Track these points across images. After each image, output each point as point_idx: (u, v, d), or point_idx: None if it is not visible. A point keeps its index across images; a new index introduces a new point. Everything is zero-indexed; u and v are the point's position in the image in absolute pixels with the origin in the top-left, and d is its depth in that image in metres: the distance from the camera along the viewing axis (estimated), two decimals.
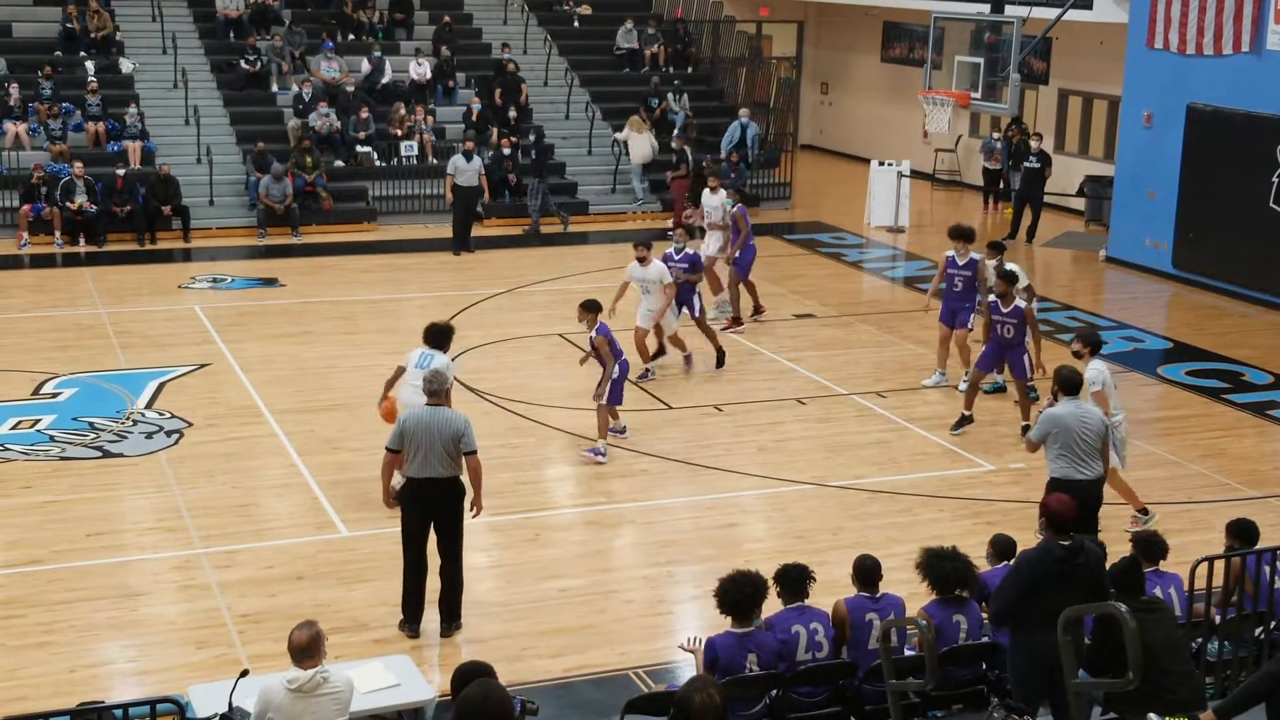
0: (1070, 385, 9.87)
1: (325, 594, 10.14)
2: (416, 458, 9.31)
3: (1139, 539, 8.53)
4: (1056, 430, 9.74)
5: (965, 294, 14.81)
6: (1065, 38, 24.55)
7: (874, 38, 30.91)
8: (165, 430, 13.42)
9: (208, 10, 26.16)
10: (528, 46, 27.52)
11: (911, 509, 11.95)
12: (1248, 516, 8.88)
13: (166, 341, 16.34)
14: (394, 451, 9.47)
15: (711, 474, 12.70)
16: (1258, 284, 19.22)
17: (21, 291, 18.79)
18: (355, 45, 26.17)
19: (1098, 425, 9.82)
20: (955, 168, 28.47)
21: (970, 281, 14.79)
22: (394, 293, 18.88)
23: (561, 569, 10.73)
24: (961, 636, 7.86)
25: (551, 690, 8.81)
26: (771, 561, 8.46)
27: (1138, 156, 21.20)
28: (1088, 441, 9.74)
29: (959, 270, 14.85)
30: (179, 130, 23.47)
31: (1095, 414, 9.88)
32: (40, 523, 11.30)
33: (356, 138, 23.94)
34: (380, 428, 13.48)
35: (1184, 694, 6.99)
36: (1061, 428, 9.72)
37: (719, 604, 7.65)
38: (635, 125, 24.70)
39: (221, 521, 11.40)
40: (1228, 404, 15.06)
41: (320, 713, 6.66)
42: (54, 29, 24.90)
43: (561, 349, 16.40)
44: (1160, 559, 8.41)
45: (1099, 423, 9.84)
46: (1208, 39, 19.59)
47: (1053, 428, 9.77)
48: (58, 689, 8.76)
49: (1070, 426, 9.70)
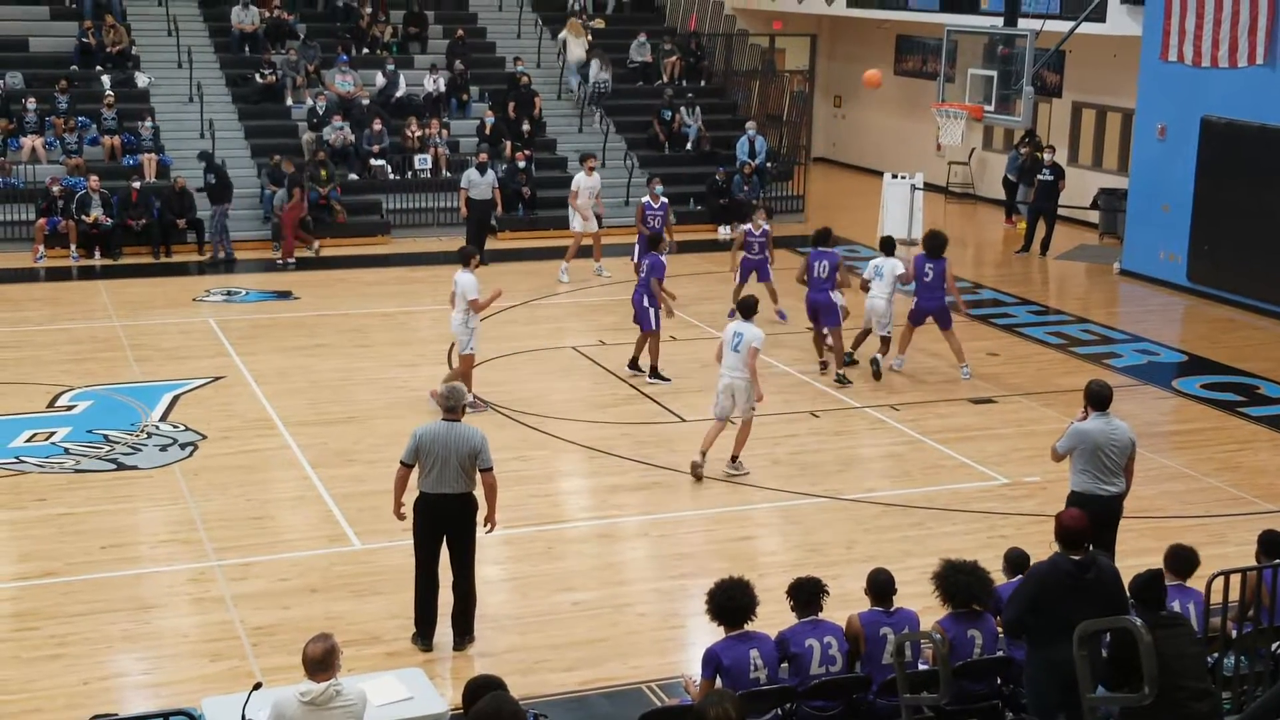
0: (1099, 400, 9.80)
1: (338, 606, 10.14)
2: (431, 472, 9.31)
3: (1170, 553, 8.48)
4: (1084, 445, 9.70)
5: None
6: (1079, 50, 24.52)
7: (887, 51, 30.92)
8: (179, 443, 13.45)
9: (223, 25, 26.28)
10: (541, 60, 27.59)
11: (925, 522, 11.91)
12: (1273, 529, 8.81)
13: (181, 354, 16.38)
14: (407, 465, 9.46)
15: (725, 487, 12.68)
16: (1273, 297, 19.15)
17: (37, 304, 18.86)
18: (369, 59, 26.26)
19: (1125, 442, 9.71)
20: (969, 180, 28.44)
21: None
22: (407, 305, 18.91)
23: (574, 582, 10.71)
24: (976, 651, 7.83)
25: (564, 704, 8.80)
26: (785, 575, 8.45)
27: (1152, 169, 21.15)
28: (1113, 458, 9.66)
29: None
30: (194, 144, 23.53)
31: (1123, 430, 9.76)
32: (55, 535, 11.32)
33: (370, 151, 24.01)
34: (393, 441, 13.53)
35: (1200, 707, 6.95)
36: (1089, 443, 9.67)
37: (710, 613, 7.68)
38: (573, 29, 26.28)
39: (235, 534, 11.41)
40: (1243, 417, 14.99)
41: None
42: (70, 43, 25.03)
43: (575, 362, 16.41)
44: (1188, 574, 8.36)
45: (1127, 440, 9.73)
46: (1222, 51, 19.55)
47: (1080, 443, 9.71)
48: (71, 701, 8.77)
49: (1098, 442, 9.65)
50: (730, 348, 12.69)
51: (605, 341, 17.11)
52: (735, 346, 12.64)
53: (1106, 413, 9.77)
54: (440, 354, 16.40)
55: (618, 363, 16.06)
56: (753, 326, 12.74)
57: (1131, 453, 9.79)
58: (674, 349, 16.54)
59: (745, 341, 12.58)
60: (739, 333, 12.65)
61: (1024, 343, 17.62)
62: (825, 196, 27.54)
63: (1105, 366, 16.61)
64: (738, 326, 12.74)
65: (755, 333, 12.66)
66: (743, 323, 12.76)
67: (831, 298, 15.55)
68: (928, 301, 15.65)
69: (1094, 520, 9.66)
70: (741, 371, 12.63)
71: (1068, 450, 9.82)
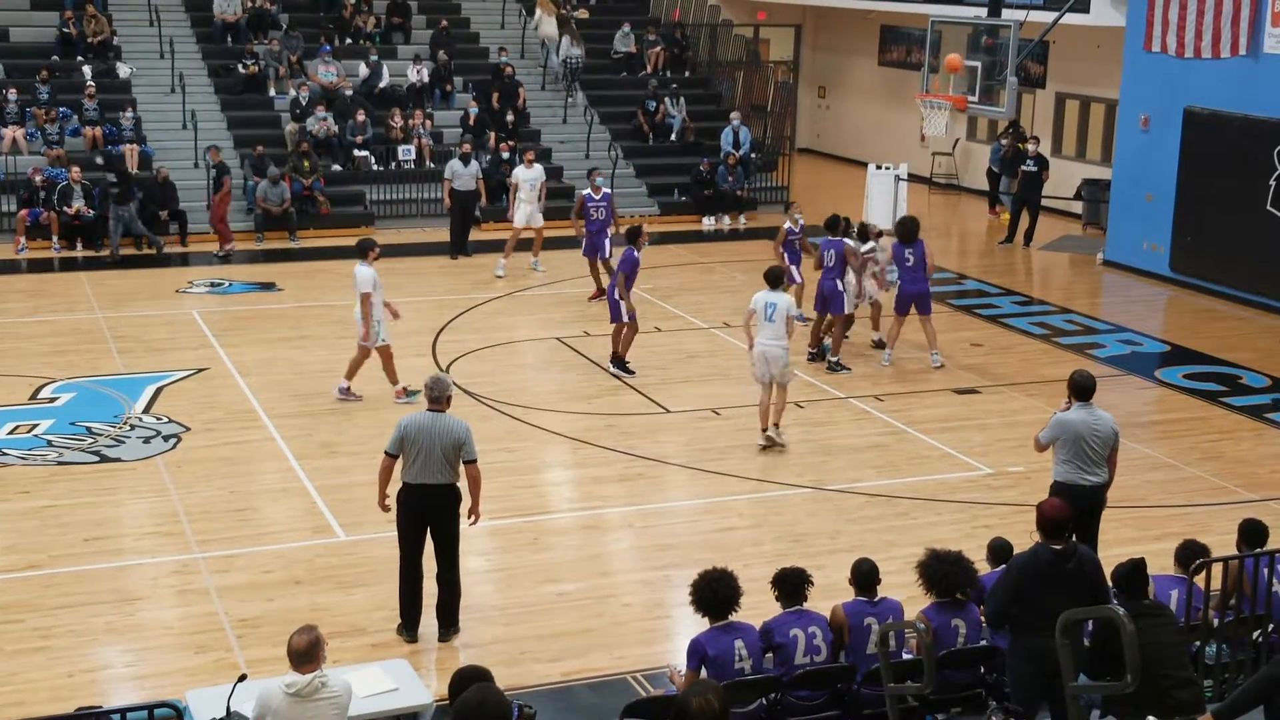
0: (1082, 390, 9.83)
1: (323, 598, 10.13)
2: (415, 463, 9.30)
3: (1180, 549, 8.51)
4: (1067, 435, 9.73)
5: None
6: (1062, 41, 24.56)
7: (871, 41, 30.93)
8: (163, 435, 13.41)
9: (205, 15, 26.16)
10: (525, 50, 27.54)
11: (909, 512, 11.94)
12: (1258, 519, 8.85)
13: (164, 346, 16.33)
14: (392, 456, 9.46)
15: (709, 477, 12.70)
16: (1255, 287, 19.23)
17: (19, 296, 18.77)
18: (352, 49, 26.17)
19: (1108, 433, 9.74)
20: (953, 171, 28.48)
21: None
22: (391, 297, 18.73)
23: (559, 573, 10.72)
24: (960, 640, 7.86)
25: (549, 695, 8.80)
26: (769, 565, 8.47)
27: (1135, 160, 21.21)
28: (1095, 449, 9.70)
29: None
30: (176, 134, 23.45)
31: (1106, 420, 9.80)
32: (38, 527, 11.29)
33: (354, 142, 23.95)
34: (377, 432, 13.51)
35: (1183, 696, 6.99)
36: (1071, 433, 9.70)
37: (694, 604, 7.71)
38: (544, 6, 26.59)
39: (219, 526, 11.38)
40: (1226, 407, 15.06)
41: (318, 717, 6.65)
42: (51, 33, 24.89)
43: (559, 352, 16.40)
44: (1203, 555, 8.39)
45: (1110, 430, 9.76)
46: (1205, 42, 19.60)
47: (1062, 432, 9.74)
48: (55, 694, 8.75)
49: (1080, 432, 9.68)
50: (765, 318, 13.04)
51: (590, 333, 17.10)
52: (770, 316, 13.01)
53: (1090, 403, 9.80)
54: (425, 345, 16.41)
55: (602, 354, 16.06)
56: (785, 295, 13.21)
57: (1115, 443, 9.82)
58: (659, 340, 16.54)
59: (780, 311, 13.00)
60: (772, 303, 13.03)
61: (1007, 333, 17.67)
62: (809, 187, 27.52)
63: (1088, 357, 16.66)
64: (769, 296, 13.07)
65: (788, 300, 13.20)
66: (772, 292, 13.11)
67: (838, 286, 15.58)
68: (911, 285, 15.65)
69: (1077, 510, 9.73)
70: (778, 340, 13.03)
71: (1050, 440, 9.86)
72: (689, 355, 16.19)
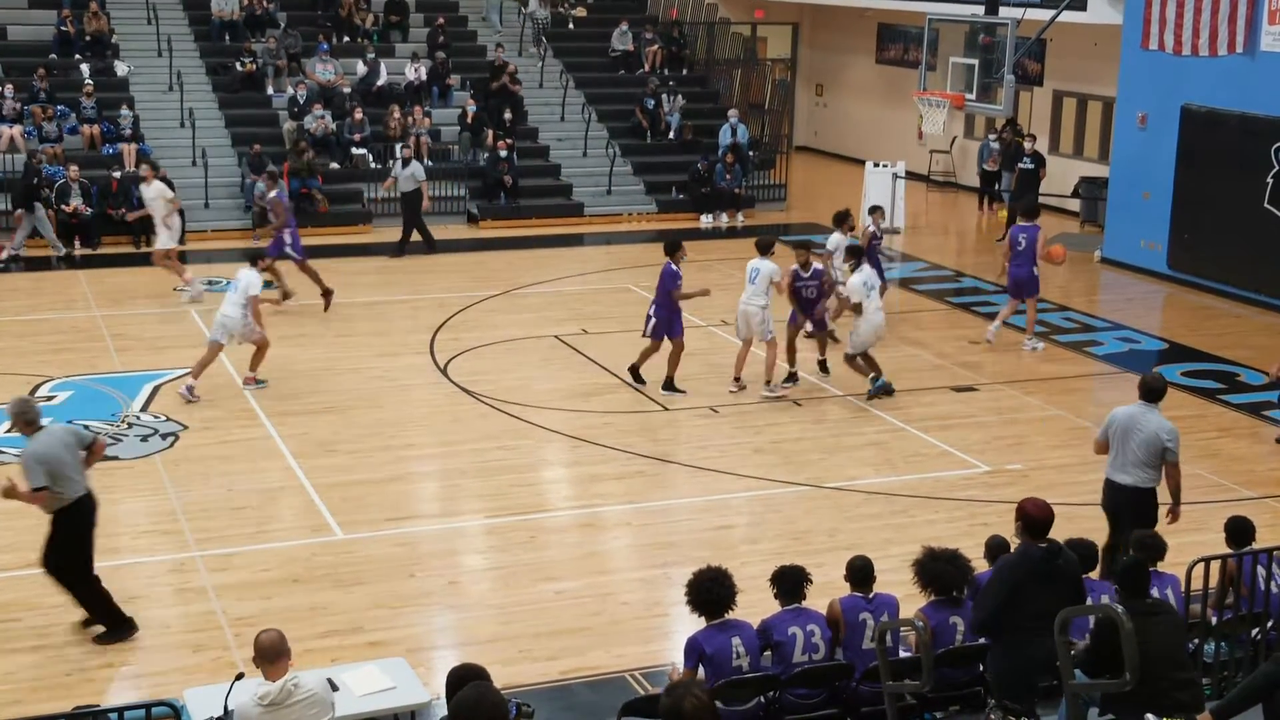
0: (1148, 391, 9.84)
1: (321, 597, 10.12)
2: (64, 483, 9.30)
3: (1137, 540, 8.49)
4: (1112, 428, 9.82)
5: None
6: (1060, 39, 24.56)
7: (869, 39, 30.93)
8: (160, 433, 13.40)
9: (203, 13, 26.14)
10: (523, 49, 27.52)
11: (907, 510, 11.94)
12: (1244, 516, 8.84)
13: (161, 344, 16.32)
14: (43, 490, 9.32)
15: (708, 475, 12.69)
16: (1253, 284, 19.24)
17: (17, 294, 18.75)
18: (350, 47, 26.17)
19: (1150, 436, 9.65)
20: (950, 169, 28.48)
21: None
22: (388, 295, 18.87)
23: (557, 571, 10.72)
24: (958, 638, 7.86)
25: (547, 693, 8.80)
26: (768, 563, 8.47)
27: (1132, 158, 21.21)
28: (1134, 448, 9.67)
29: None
30: (174, 133, 23.43)
31: (1151, 425, 9.68)
32: (36, 526, 11.18)
33: (352, 140, 23.93)
34: (375, 430, 13.52)
35: (1182, 696, 6.98)
36: (1115, 426, 9.79)
37: (689, 604, 7.70)
38: None
39: (217, 524, 11.38)
40: (1223, 405, 15.06)
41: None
42: (49, 31, 24.86)
43: (558, 351, 16.39)
44: (1158, 560, 8.39)
45: (1152, 435, 9.65)
46: (1202, 40, 19.61)
47: (1109, 424, 9.88)
48: (53, 693, 8.74)
49: (1125, 427, 9.70)
50: (748, 279, 14.41)
51: (588, 330, 17.10)
52: (752, 279, 14.36)
53: (1154, 405, 9.79)
54: (423, 344, 16.40)
55: (601, 352, 16.06)
56: (768, 261, 14.35)
57: (1160, 449, 9.66)
58: None
59: (762, 275, 14.26)
60: (756, 268, 14.33)
61: (1005, 331, 17.64)
62: (807, 185, 27.55)
63: (1086, 354, 16.67)
64: (756, 262, 14.35)
65: (771, 267, 14.34)
66: (760, 259, 14.36)
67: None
68: (1018, 269, 16.62)
69: (1109, 507, 9.76)
70: (755, 299, 14.28)
71: (1102, 437, 9.96)
72: (687, 353, 16.15)
